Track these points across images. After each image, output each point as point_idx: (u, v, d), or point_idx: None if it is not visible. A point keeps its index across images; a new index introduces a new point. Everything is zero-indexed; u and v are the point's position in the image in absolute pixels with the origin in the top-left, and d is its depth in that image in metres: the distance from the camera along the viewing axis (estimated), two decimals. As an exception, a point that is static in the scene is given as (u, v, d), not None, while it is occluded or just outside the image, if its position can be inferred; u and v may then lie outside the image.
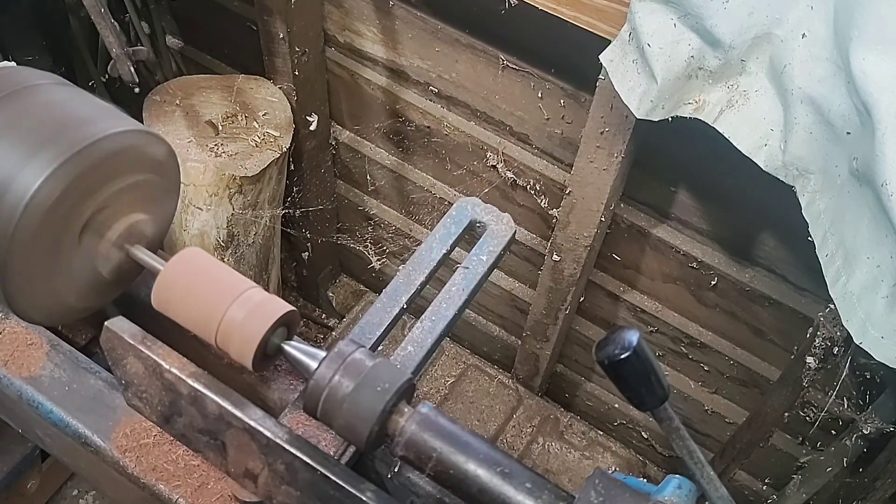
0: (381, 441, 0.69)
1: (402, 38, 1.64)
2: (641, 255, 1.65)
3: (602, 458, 2.07)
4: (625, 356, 0.59)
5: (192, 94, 1.69)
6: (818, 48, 0.92)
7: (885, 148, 0.82)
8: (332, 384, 0.67)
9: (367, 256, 2.19)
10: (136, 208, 0.76)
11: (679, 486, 0.69)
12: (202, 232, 1.66)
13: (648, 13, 1.01)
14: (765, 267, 1.50)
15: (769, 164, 1.04)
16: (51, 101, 0.71)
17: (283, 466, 0.70)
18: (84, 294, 0.76)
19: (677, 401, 1.87)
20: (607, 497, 0.61)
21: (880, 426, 1.33)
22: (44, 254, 0.69)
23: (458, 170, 1.81)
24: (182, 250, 0.72)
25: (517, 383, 2.12)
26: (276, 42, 1.63)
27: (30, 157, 0.65)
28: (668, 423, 0.64)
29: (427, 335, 0.89)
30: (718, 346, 1.69)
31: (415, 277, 0.93)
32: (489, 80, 1.57)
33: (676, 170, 1.46)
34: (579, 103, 1.46)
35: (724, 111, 1.06)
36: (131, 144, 0.72)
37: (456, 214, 1.00)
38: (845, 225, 0.95)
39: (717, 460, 1.73)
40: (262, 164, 1.62)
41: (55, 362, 0.83)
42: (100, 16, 1.28)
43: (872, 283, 0.91)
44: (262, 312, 0.70)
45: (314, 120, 1.83)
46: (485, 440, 0.68)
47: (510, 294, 1.99)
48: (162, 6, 2.02)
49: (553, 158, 1.62)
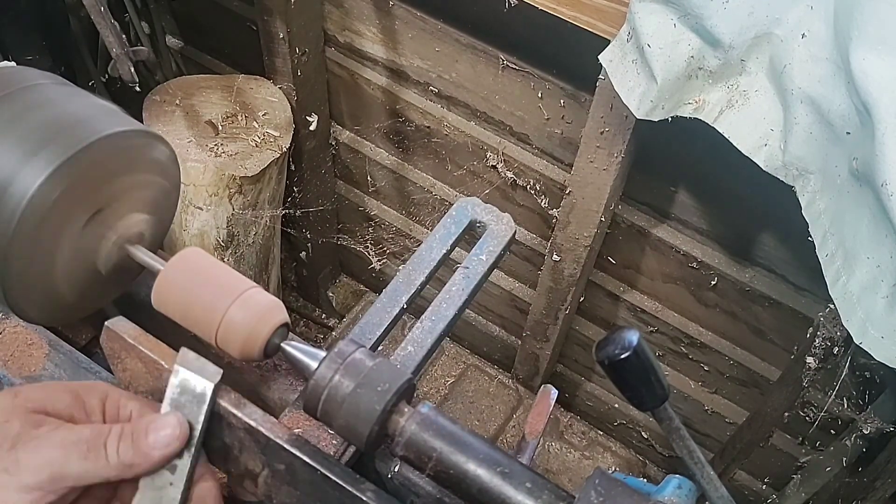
0: (381, 441, 0.69)
1: (402, 38, 1.64)
2: (641, 255, 1.65)
3: (602, 458, 2.07)
4: (625, 356, 0.59)
5: (192, 94, 1.69)
6: (818, 48, 0.92)
7: (885, 148, 0.82)
8: (332, 384, 0.67)
9: (368, 256, 2.19)
10: (136, 208, 0.76)
11: (679, 486, 0.69)
12: (202, 232, 1.66)
13: (648, 13, 1.01)
14: (765, 267, 1.50)
15: (769, 164, 1.04)
16: (51, 100, 0.71)
17: (283, 466, 0.70)
18: (84, 294, 0.76)
19: (677, 401, 1.87)
20: (607, 497, 0.61)
21: (880, 426, 1.33)
22: (44, 254, 0.69)
23: (458, 170, 1.81)
24: (182, 250, 0.72)
25: (517, 383, 2.12)
26: (276, 42, 1.63)
27: (30, 156, 0.65)
28: (668, 423, 0.64)
29: (427, 335, 0.89)
30: (718, 346, 1.69)
31: (415, 277, 0.93)
32: (489, 80, 1.57)
33: (676, 170, 1.46)
34: (579, 103, 1.46)
35: (724, 111, 1.06)
36: (131, 144, 0.72)
37: (456, 214, 1.00)
38: (845, 225, 0.95)
39: (717, 460, 1.73)
40: (262, 164, 1.62)
41: (55, 362, 0.83)
42: (100, 16, 1.28)
43: (872, 283, 0.91)
44: (263, 312, 0.70)
45: (314, 120, 1.83)
46: (485, 440, 0.68)
47: (510, 294, 1.99)
48: (162, 6, 2.02)
49: (553, 158, 1.62)
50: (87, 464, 0.61)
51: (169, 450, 0.64)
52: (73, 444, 0.61)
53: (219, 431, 0.70)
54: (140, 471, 0.64)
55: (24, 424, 0.62)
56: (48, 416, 0.63)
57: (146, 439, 0.64)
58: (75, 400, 0.66)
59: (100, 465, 0.62)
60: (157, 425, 0.65)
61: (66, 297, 0.74)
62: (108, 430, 0.64)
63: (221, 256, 1.71)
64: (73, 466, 0.61)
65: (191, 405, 0.67)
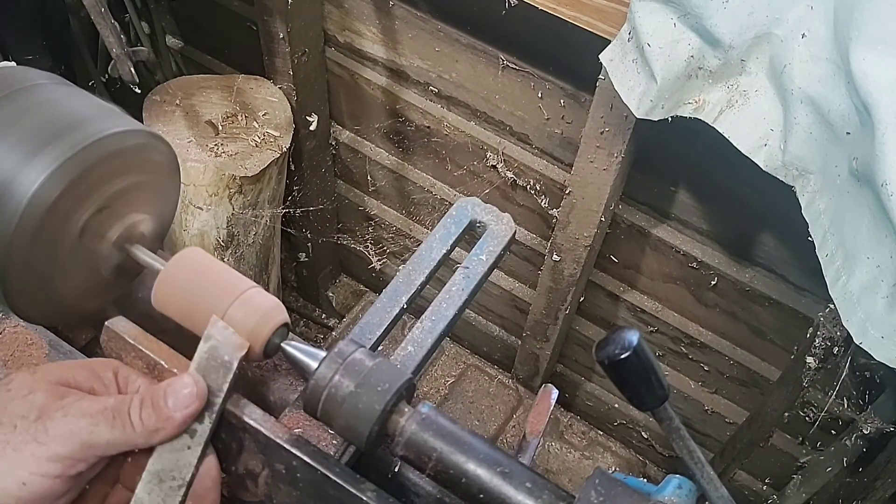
0: (381, 441, 0.69)
1: (402, 38, 1.64)
2: (641, 255, 1.65)
3: (602, 458, 2.07)
4: (625, 356, 0.59)
5: (192, 94, 1.69)
6: (818, 48, 0.92)
7: (885, 148, 0.82)
8: (332, 384, 0.67)
9: (368, 256, 2.19)
10: (137, 208, 0.76)
11: (679, 486, 0.69)
12: (202, 232, 1.66)
13: (648, 13, 1.01)
14: (765, 267, 1.50)
15: (769, 164, 1.04)
16: (51, 100, 0.71)
17: (282, 466, 0.70)
18: (84, 294, 0.76)
19: (677, 401, 1.87)
20: (607, 497, 0.61)
21: (880, 426, 1.33)
22: (44, 254, 0.68)
23: (458, 170, 1.81)
24: (182, 250, 0.72)
25: (517, 383, 2.12)
26: (276, 42, 1.63)
27: (30, 156, 0.65)
28: (668, 423, 0.64)
29: (427, 335, 0.88)
30: (718, 346, 1.69)
31: (415, 277, 0.93)
32: (489, 80, 1.57)
33: (676, 170, 1.46)
34: (579, 103, 1.46)
35: (723, 111, 1.06)
36: (131, 144, 0.72)
37: (456, 214, 1.00)
38: (845, 225, 0.95)
39: (717, 460, 1.73)
40: (262, 164, 1.62)
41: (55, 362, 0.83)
42: (100, 16, 1.28)
43: (872, 283, 0.91)
44: (263, 312, 0.70)
45: (314, 120, 1.83)
46: (485, 440, 0.68)
47: (510, 294, 1.99)
48: (162, 6, 2.02)
49: (553, 158, 1.62)
50: (114, 431, 0.62)
51: (189, 410, 0.64)
52: (100, 412, 0.62)
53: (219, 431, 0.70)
54: (165, 435, 0.64)
55: (48, 395, 0.62)
56: (69, 389, 0.64)
57: (166, 403, 0.64)
58: (92, 374, 0.67)
59: (127, 433, 0.62)
60: (175, 387, 0.65)
61: (66, 297, 0.74)
62: (130, 398, 0.64)
63: (221, 256, 1.71)
64: (101, 434, 0.61)
65: (217, 372, 0.68)
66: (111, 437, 0.62)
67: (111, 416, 0.62)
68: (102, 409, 0.62)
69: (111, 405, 0.63)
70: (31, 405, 0.61)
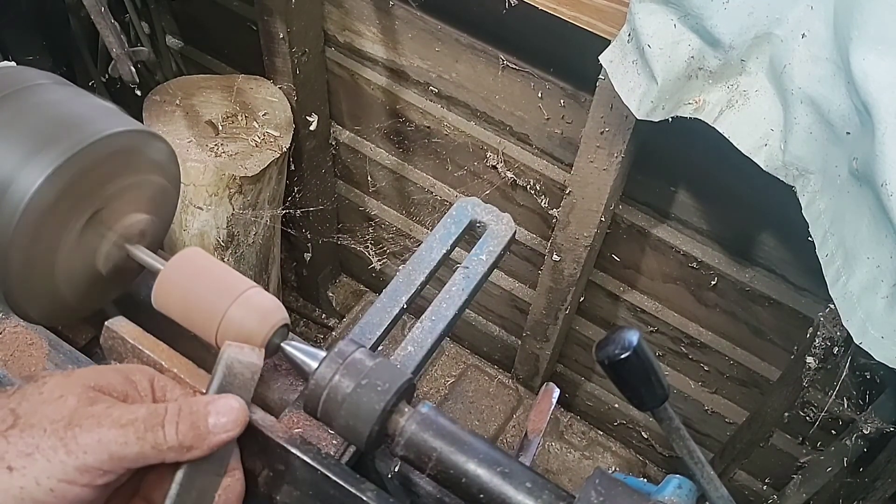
0: (381, 441, 0.69)
1: (402, 38, 1.64)
2: (641, 255, 1.65)
3: (602, 458, 2.07)
4: (625, 356, 0.59)
5: (192, 94, 1.69)
6: (818, 48, 0.92)
7: (885, 148, 0.82)
8: (333, 384, 0.67)
9: (368, 256, 2.19)
10: (136, 208, 0.76)
11: (679, 486, 0.69)
12: (202, 232, 1.66)
13: (648, 14, 1.01)
14: (765, 267, 1.50)
15: (769, 164, 1.04)
16: (51, 100, 0.71)
17: (283, 466, 0.70)
18: (84, 294, 0.76)
19: (677, 401, 1.87)
20: (607, 497, 0.61)
21: (880, 426, 1.33)
22: (44, 254, 0.69)
23: (458, 170, 1.81)
24: (182, 250, 0.72)
25: (517, 383, 2.12)
26: (276, 42, 1.63)
27: (30, 156, 0.65)
28: (668, 423, 0.64)
29: (427, 335, 0.88)
30: (718, 346, 1.69)
31: (415, 277, 0.93)
32: (489, 80, 1.57)
33: (676, 170, 1.46)
34: (579, 103, 1.46)
35: (724, 111, 1.06)
36: (131, 144, 0.72)
37: (456, 214, 1.00)
38: (845, 225, 0.95)
39: (717, 460, 1.73)
40: (262, 164, 1.62)
41: (55, 362, 0.83)
42: (100, 16, 1.28)
43: (872, 283, 0.91)
44: (263, 312, 0.70)
45: (314, 120, 1.83)
46: (485, 440, 0.68)
47: (510, 294, 1.99)
48: (162, 6, 2.02)
49: (553, 158, 1.62)
50: (144, 444, 0.60)
51: (230, 434, 0.62)
52: (131, 423, 0.60)
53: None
54: (196, 454, 0.62)
55: (80, 400, 0.60)
56: (102, 395, 0.62)
57: (206, 421, 0.62)
58: (127, 380, 0.65)
59: (158, 446, 0.60)
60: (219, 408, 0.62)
61: (66, 297, 0.74)
62: (165, 409, 0.62)
63: (221, 256, 1.71)
64: (131, 447, 0.59)
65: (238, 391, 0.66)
66: (140, 450, 0.60)
67: (142, 427, 0.60)
68: (133, 420, 0.60)
69: (143, 416, 0.61)
70: (61, 409, 0.59)
